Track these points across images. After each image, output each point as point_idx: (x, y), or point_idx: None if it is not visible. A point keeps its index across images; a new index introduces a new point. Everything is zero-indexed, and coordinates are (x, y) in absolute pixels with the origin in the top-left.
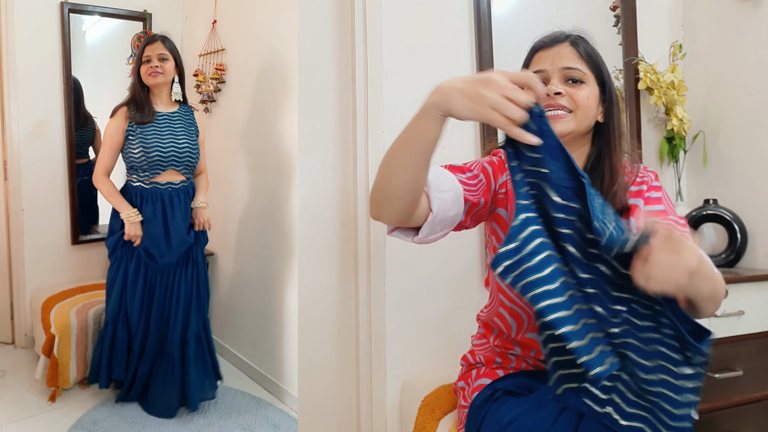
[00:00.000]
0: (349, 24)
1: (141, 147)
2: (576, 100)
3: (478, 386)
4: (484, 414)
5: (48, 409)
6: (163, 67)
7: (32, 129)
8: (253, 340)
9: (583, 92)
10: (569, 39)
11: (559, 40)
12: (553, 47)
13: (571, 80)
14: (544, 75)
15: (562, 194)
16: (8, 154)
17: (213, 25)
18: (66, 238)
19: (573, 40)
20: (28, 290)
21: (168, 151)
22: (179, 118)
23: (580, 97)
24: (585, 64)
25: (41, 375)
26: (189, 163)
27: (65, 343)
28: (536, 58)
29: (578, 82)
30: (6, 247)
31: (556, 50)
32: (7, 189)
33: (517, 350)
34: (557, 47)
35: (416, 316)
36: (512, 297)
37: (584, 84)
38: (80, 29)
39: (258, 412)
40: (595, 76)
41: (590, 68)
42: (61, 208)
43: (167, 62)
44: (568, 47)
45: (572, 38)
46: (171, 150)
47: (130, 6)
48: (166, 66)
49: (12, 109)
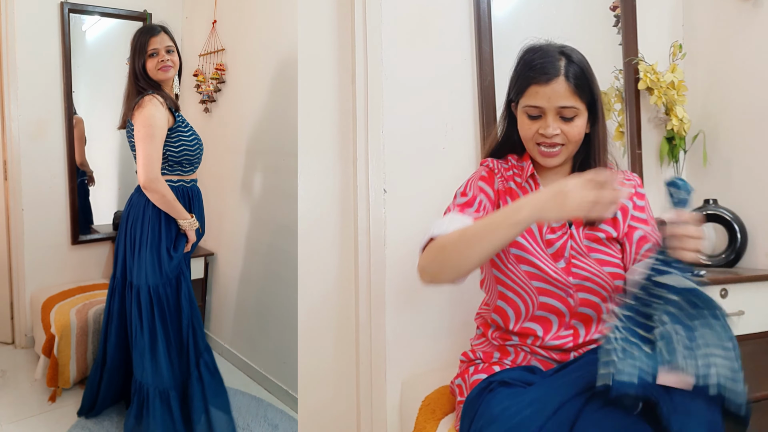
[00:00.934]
0: (349, 24)
1: (191, 140)
2: (569, 136)
3: (475, 381)
4: (478, 405)
5: (48, 409)
6: (172, 59)
7: (32, 129)
8: (253, 340)
9: (575, 129)
10: (563, 72)
11: (554, 75)
12: (549, 84)
13: (564, 118)
14: (541, 110)
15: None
16: (8, 154)
17: (213, 25)
18: (66, 238)
19: (566, 73)
20: (28, 290)
21: (200, 147)
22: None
23: (573, 134)
24: (578, 98)
25: (41, 375)
26: (200, 160)
27: (65, 343)
28: (531, 92)
29: (571, 119)
30: (6, 247)
31: (552, 88)
32: (7, 189)
33: (515, 340)
34: (553, 84)
35: (416, 317)
36: (512, 286)
37: (576, 118)
38: (80, 29)
39: (258, 412)
40: (586, 104)
41: (583, 99)
42: (61, 208)
43: (174, 54)
44: (563, 84)
45: (565, 70)
46: (198, 146)
47: (130, 6)
48: (174, 58)
49: (12, 109)
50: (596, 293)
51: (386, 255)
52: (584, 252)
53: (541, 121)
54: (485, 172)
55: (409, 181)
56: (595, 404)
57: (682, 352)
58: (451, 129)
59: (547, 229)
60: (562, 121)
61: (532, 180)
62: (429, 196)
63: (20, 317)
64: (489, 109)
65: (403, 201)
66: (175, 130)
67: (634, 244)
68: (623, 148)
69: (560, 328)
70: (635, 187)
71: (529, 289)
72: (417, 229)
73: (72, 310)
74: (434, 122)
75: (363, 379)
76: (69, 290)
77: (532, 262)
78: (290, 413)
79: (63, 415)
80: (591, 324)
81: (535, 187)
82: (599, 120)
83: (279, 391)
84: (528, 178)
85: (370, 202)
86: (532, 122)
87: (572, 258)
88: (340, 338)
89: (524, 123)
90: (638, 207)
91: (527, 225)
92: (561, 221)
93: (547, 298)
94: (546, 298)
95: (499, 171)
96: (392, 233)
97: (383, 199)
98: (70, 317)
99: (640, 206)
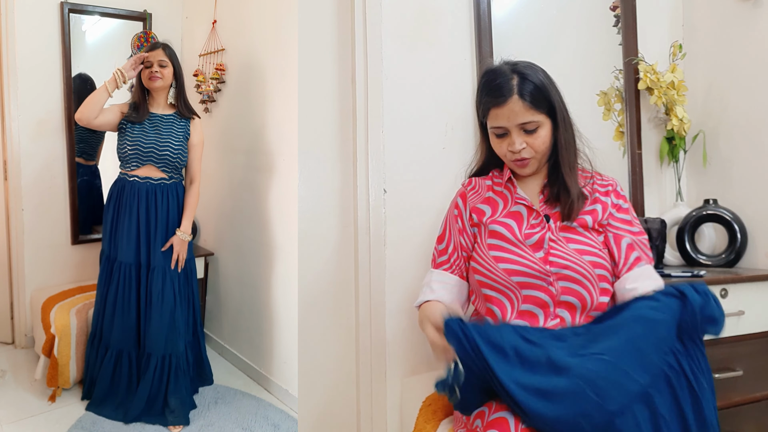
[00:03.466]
0: (349, 24)
1: (126, 141)
2: (535, 147)
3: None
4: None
5: (48, 409)
6: (162, 72)
7: (32, 129)
8: (253, 340)
9: (539, 139)
10: (516, 91)
11: (507, 95)
12: (506, 105)
13: (527, 131)
14: (504, 129)
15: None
16: (8, 154)
17: (213, 25)
18: (66, 238)
19: (520, 92)
20: (28, 290)
21: (148, 146)
22: (171, 120)
23: (537, 144)
24: (536, 111)
25: (41, 375)
26: (168, 160)
27: (65, 343)
28: (492, 115)
29: (533, 131)
30: (6, 247)
31: (509, 108)
32: (7, 189)
33: None
34: (509, 104)
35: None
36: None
37: (539, 128)
38: (80, 29)
39: (258, 412)
40: (546, 113)
41: (542, 111)
42: (61, 208)
43: (166, 68)
44: (517, 102)
45: (518, 89)
46: (151, 145)
47: (130, 6)
48: (165, 72)
49: (12, 109)
50: (576, 281)
51: (386, 255)
52: (562, 241)
53: (507, 138)
54: (459, 198)
55: (409, 181)
56: None
57: None
58: (451, 129)
59: (527, 225)
60: (526, 134)
61: (510, 184)
62: (429, 196)
63: (20, 317)
64: None
65: (403, 201)
66: (120, 132)
67: (623, 251)
68: (623, 148)
69: (546, 319)
70: (612, 189)
71: (510, 285)
72: (417, 229)
73: (72, 310)
74: (434, 122)
75: (363, 379)
76: (69, 290)
77: (509, 259)
78: (290, 413)
79: (63, 415)
80: (576, 312)
81: (514, 190)
82: (560, 125)
83: (279, 391)
84: (507, 183)
85: (370, 202)
86: (500, 141)
87: (551, 248)
88: (340, 338)
89: (494, 142)
90: (622, 209)
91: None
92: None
93: (529, 290)
94: (528, 291)
95: (478, 187)
96: (392, 233)
97: (383, 199)
98: (70, 317)
99: (625, 208)
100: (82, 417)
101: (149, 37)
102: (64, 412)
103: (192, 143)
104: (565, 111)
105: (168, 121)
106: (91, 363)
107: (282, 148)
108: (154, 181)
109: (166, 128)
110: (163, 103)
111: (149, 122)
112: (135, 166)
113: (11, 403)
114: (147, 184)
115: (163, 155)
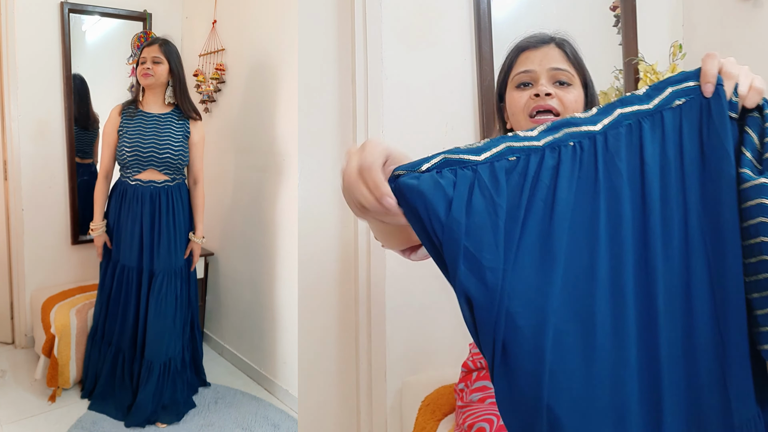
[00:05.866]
0: (349, 24)
1: (125, 146)
2: (564, 102)
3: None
4: None
5: (48, 409)
6: (155, 69)
7: (32, 129)
8: (253, 339)
9: (570, 95)
10: (555, 41)
11: (545, 42)
12: (540, 48)
13: (559, 82)
14: (532, 75)
15: None
16: (8, 154)
17: (213, 25)
18: (66, 238)
19: (559, 42)
20: (28, 290)
21: (147, 150)
22: (169, 120)
23: (568, 100)
24: (572, 66)
25: (41, 375)
26: (170, 161)
27: (65, 343)
28: (522, 59)
29: (566, 85)
30: (6, 247)
31: (544, 51)
32: (7, 189)
33: None
34: (544, 48)
35: (416, 316)
36: None
37: (571, 87)
38: (80, 29)
39: (258, 412)
40: (580, 79)
41: (576, 71)
42: (61, 208)
43: (160, 65)
44: (555, 49)
45: (557, 40)
46: (150, 148)
47: (130, 6)
48: (158, 69)
49: (12, 109)
50: None
51: (386, 255)
52: None
53: (532, 88)
54: None
55: None
56: None
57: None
58: (451, 129)
59: None
60: (557, 86)
61: None
62: None
63: (20, 317)
64: (489, 109)
65: None
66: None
67: None
68: None
69: None
70: None
71: None
72: None
73: (72, 310)
74: (434, 122)
75: (363, 379)
76: (69, 290)
77: None
78: (290, 413)
79: (63, 415)
80: None
81: None
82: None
83: (279, 391)
84: None
85: None
86: (522, 91)
87: None
88: (340, 338)
89: (514, 96)
90: None
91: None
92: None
93: None
94: None
95: None
96: None
97: None
98: (70, 317)
99: None
100: (82, 417)
101: (149, 37)
102: (64, 412)
103: (192, 142)
104: (596, 96)
105: (165, 121)
106: (93, 359)
107: (282, 148)
108: (158, 184)
109: (164, 128)
110: (159, 102)
111: (145, 123)
112: (136, 171)
113: (11, 403)
114: (151, 188)
115: (164, 158)
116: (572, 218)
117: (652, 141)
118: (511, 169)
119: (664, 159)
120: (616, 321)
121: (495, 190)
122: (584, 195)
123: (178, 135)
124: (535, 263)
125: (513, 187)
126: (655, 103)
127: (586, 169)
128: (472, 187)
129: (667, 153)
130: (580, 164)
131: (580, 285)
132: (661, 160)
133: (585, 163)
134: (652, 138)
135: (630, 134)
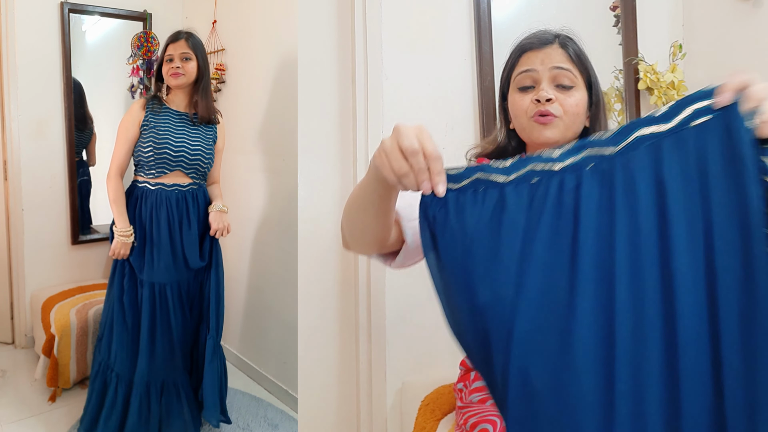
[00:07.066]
0: (349, 24)
1: (151, 141)
2: (565, 107)
3: (475, 388)
4: None
5: (48, 409)
6: (185, 67)
7: (32, 129)
8: (253, 339)
9: (572, 99)
10: (558, 40)
11: (548, 41)
12: (543, 48)
13: (561, 86)
14: (534, 76)
15: None
16: (8, 154)
17: (213, 25)
18: (66, 238)
19: (562, 41)
20: (28, 290)
21: (178, 151)
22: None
23: (569, 104)
24: (575, 66)
25: (41, 375)
26: (199, 167)
27: (65, 343)
28: (524, 59)
29: (568, 88)
30: (6, 247)
31: (546, 52)
32: (7, 189)
33: None
34: (547, 48)
35: (416, 316)
36: None
37: (574, 89)
38: (80, 29)
39: (258, 412)
40: (584, 79)
41: (580, 71)
42: (61, 208)
43: (190, 62)
44: (557, 49)
45: (561, 39)
46: (182, 150)
47: (130, 6)
48: (188, 66)
49: (12, 109)
50: None
51: None
52: None
53: (534, 91)
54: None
55: None
56: None
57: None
58: (451, 129)
59: None
60: (558, 89)
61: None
62: None
63: (20, 317)
64: (489, 109)
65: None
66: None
67: None
68: None
69: None
70: None
71: None
72: None
73: (72, 310)
74: (434, 122)
75: (363, 379)
76: (69, 290)
77: None
78: (290, 413)
79: (63, 415)
80: None
81: None
82: (594, 104)
83: (279, 391)
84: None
85: None
86: (524, 94)
87: None
88: (340, 338)
89: (516, 99)
90: None
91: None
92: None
93: None
94: None
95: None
96: None
97: None
98: (70, 317)
99: None
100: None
101: (149, 37)
102: (64, 412)
103: (217, 148)
104: (601, 94)
105: (196, 123)
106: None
107: (281, 149)
108: (183, 187)
109: (194, 131)
110: (186, 102)
111: (174, 121)
112: (161, 173)
113: (11, 403)
114: (176, 192)
115: (195, 162)
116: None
117: (671, 162)
118: (534, 190)
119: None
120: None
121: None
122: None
123: (208, 139)
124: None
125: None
126: (675, 123)
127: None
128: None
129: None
130: (599, 186)
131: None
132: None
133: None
134: (670, 159)
135: (648, 155)
